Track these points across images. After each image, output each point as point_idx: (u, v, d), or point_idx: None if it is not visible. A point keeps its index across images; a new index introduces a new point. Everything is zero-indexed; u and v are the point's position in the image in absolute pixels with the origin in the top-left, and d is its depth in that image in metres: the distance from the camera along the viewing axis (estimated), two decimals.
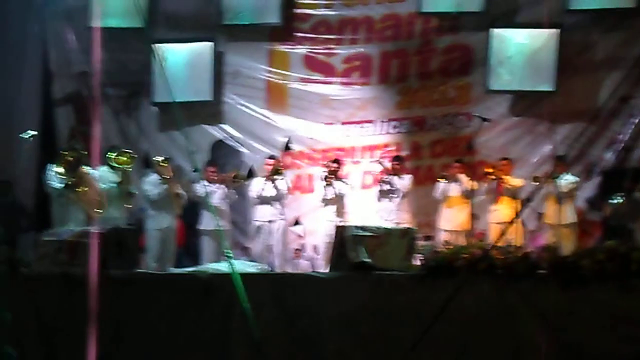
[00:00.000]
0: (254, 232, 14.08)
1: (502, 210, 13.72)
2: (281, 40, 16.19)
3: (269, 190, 13.82)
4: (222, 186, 13.85)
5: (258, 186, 13.90)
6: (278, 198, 13.89)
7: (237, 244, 15.00)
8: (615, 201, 13.24)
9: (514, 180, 13.84)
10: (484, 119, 12.61)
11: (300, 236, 15.20)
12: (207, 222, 13.59)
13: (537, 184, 13.34)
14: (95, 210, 11.75)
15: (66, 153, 11.89)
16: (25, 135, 11.79)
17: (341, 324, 8.41)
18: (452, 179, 14.04)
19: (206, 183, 13.62)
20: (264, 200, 13.88)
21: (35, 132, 12.27)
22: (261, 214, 13.92)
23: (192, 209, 14.05)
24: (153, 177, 13.33)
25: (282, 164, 14.64)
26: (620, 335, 8.03)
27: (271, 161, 14.17)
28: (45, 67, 16.26)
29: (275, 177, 13.80)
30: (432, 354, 8.11)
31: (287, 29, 16.08)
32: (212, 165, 14.43)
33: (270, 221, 13.84)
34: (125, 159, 12.62)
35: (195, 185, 13.71)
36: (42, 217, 13.18)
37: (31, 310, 8.62)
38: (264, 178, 13.92)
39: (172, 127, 15.44)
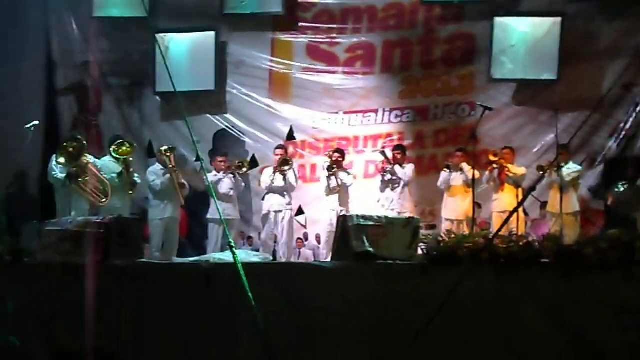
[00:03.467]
0: (262, 220, 14.05)
1: (504, 199, 13.72)
2: (284, 29, 16.21)
3: (279, 181, 13.80)
4: (230, 175, 13.83)
5: (267, 177, 13.88)
6: (287, 189, 13.88)
7: (240, 233, 15.04)
8: (618, 190, 13.23)
9: (516, 169, 13.83)
10: (487, 108, 12.58)
11: (303, 226, 15.21)
12: (215, 211, 13.57)
13: (540, 172, 13.33)
14: (98, 200, 11.76)
15: (69, 143, 11.88)
16: (28, 125, 11.79)
17: (344, 313, 8.41)
18: (455, 168, 14.03)
19: (215, 172, 13.63)
20: (272, 190, 13.86)
21: (38, 122, 12.26)
22: (269, 203, 13.90)
23: (196, 199, 14.06)
24: (156, 167, 13.34)
25: (290, 153, 14.65)
26: (623, 324, 8.02)
27: (279, 151, 14.13)
28: (48, 56, 16.30)
29: (284, 168, 13.77)
30: (435, 342, 8.11)
31: (290, 18, 16.11)
32: (222, 155, 14.38)
33: (277, 211, 13.82)
34: (126, 148, 12.62)
35: (207, 174, 13.72)
36: (45, 207, 13.20)
37: (34, 299, 8.62)
38: (273, 169, 13.88)
39: (175, 116, 15.50)
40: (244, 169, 14.10)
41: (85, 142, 11.85)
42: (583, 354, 8.06)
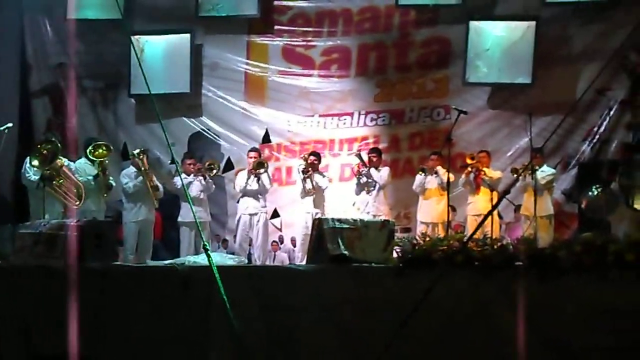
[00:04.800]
0: (236, 223, 14.05)
1: (479, 203, 13.78)
2: (259, 32, 16.21)
3: (253, 184, 13.78)
4: (200, 177, 13.83)
5: (242, 180, 13.87)
6: (261, 192, 13.87)
7: (215, 236, 15.02)
8: (592, 193, 13.30)
9: (492, 173, 13.89)
10: (462, 112, 12.63)
11: (278, 228, 15.20)
12: (186, 214, 13.58)
13: (515, 175, 13.38)
14: (72, 202, 11.71)
15: (43, 145, 11.84)
16: (1, 127, 11.73)
17: (319, 316, 8.41)
18: (430, 171, 14.06)
19: (184, 175, 13.61)
20: (247, 194, 13.85)
21: (12, 124, 12.20)
22: (244, 206, 13.89)
23: (170, 202, 14.04)
24: (130, 170, 13.32)
25: (264, 156, 14.65)
26: (597, 327, 8.05)
27: (253, 154, 14.13)
28: (23, 58, 16.21)
29: (259, 170, 13.77)
30: (410, 346, 8.12)
31: (265, 21, 16.10)
32: (190, 157, 14.43)
33: (252, 214, 13.82)
34: (102, 151, 12.59)
35: (174, 177, 13.71)
36: (19, 210, 13.13)
37: (9, 302, 8.57)
38: (248, 172, 13.86)
39: (150, 119, 15.46)
40: (214, 171, 14.09)
41: (59, 145, 11.81)
42: (557, 357, 8.10)
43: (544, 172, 13.63)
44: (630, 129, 14.95)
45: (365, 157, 14.44)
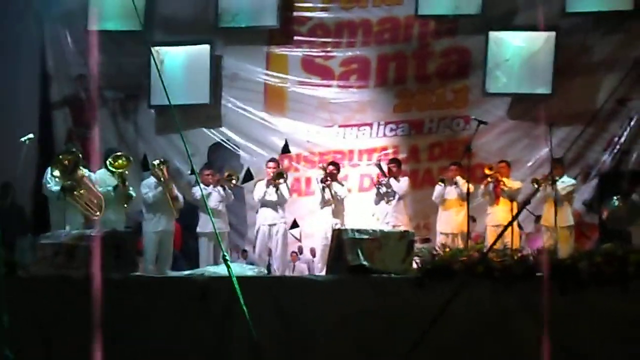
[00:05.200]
0: (255, 234, 14.05)
1: (499, 213, 13.73)
2: (279, 43, 16.21)
3: (272, 195, 13.79)
4: (219, 188, 13.86)
5: (261, 190, 13.87)
6: (280, 202, 13.87)
7: (235, 247, 15.03)
8: (613, 204, 13.23)
9: (512, 183, 13.84)
10: (482, 122, 12.60)
11: (298, 239, 15.20)
12: (204, 224, 13.58)
13: (535, 186, 13.34)
14: (92, 213, 11.75)
15: (64, 156, 11.88)
16: (23, 138, 11.78)
17: (339, 327, 8.41)
18: (449, 181, 14.04)
19: (203, 186, 13.61)
20: (266, 204, 13.84)
21: (33, 135, 12.25)
22: (262, 217, 13.88)
23: (190, 212, 14.05)
24: (150, 180, 13.35)
25: (283, 167, 14.65)
26: (618, 338, 8.03)
27: (272, 164, 14.12)
28: (43, 69, 16.29)
29: (278, 181, 13.77)
30: (429, 357, 8.11)
31: (285, 31, 16.11)
32: (208, 167, 14.45)
33: (271, 225, 13.82)
34: (122, 162, 12.62)
35: (193, 187, 13.74)
36: (40, 220, 13.17)
37: (29, 313, 8.60)
38: (267, 182, 13.86)
39: (170, 130, 15.48)
40: (234, 181, 14.10)
41: (80, 155, 11.85)
42: None
43: (564, 182, 13.58)
44: None
45: (384, 168, 14.43)
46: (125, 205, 12.74)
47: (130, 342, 8.47)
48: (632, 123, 14.96)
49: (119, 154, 12.85)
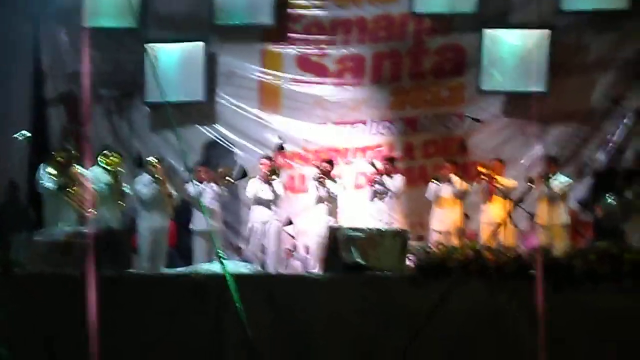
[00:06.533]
0: (248, 232, 14.07)
1: (493, 211, 13.73)
2: (274, 40, 16.18)
3: (266, 192, 13.80)
4: (213, 185, 13.87)
5: (254, 188, 13.88)
6: (274, 200, 13.88)
7: (229, 244, 15.03)
8: (607, 202, 13.26)
9: (506, 181, 13.85)
10: (476, 120, 12.64)
11: (292, 236, 15.20)
12: (199, 222, 13.59)
13: (530, 184, 13.36)
14: (87, 210, 11.74)
15: (58, 153, 11.88)
16: (18, 136, 11.78)
17: (333, 324, 8.42)
18: (444, 179, 14.05)
19: (197, 183, 13.61)
20: (259, 202, 13.86)
21: (28, 133, 12.25)
22: (256, 215, 13.89)
23: (184, 209, 14.05)
24: (145, 178, 13.34)
25: (277, 164, 14.64)
26: (612, 336, 8.05)
27: (266, 162, 14.13)
28: (38, 67, 16.24)
29: (272, 178, 13.78)
30: (424, 354, 8.13)
31: (279, 29, 16.07)
32: (202, 165, 14.46)
33: (264, 222, 13.83)
34: (114, 159, 12.63)
35: (187, 185, 13.73)
36: (34, 218, 13.16)
37: (24, 310, 8.60)
38: (260, 179, 13.87)
39: (165, 127, 15.45)
40: (228, 178, 14.11)
41: (74, 153, 11.85)
42: None
43: (559, 180, 13.59)
44: None
45: (379, 165, 14.43)
46: (121, 203, 12.75)
47: (125, 339, 8.48)
48: (626, 122, 14.99)
49: (109, 151, 12.86)
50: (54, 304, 8.58)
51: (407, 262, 9.08)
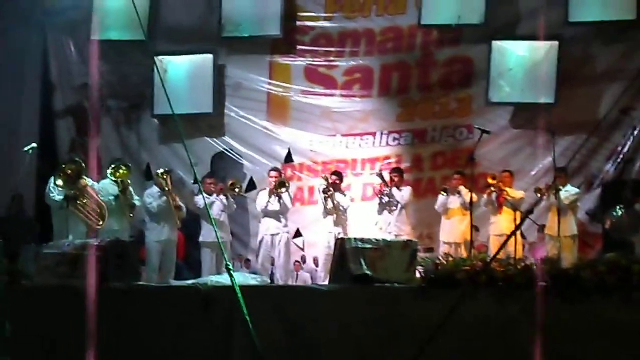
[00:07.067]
0: (258, 244, 14.08)
1: (502, 222, 13.72)
2: (282, 52, 16.22)
3: (274, 204, 13.81)
4: (222, 197, 13.88)
5: (263, 200, 13.89)
6: (283, 212, 13.90)
7: (238, 256, 15.03)
8: (616, 213, 13.23)
9: (515, 193, 13.85)
10: (485, 131, 12.61)
11: (300, 248, 15.20)
12: (207, 234, 13.60)
13: (539, 196, 13.34)
14: (96, 222, 11.76)
15: (67, 165, 11.90)
16: (26, 148, 11.80)
17: (342, 336, 8.40)
18: (452, 191, 14.05)
19: (205, 195, 13.62)
20: (268, 214, 13.88)
21: (36, 145, 12.27)
22: (265, 227, 13.93)
23: (193, 221, 14.06)
24: (153, 190, 13.37)
25: (285, 176, 14.65)
26: (621, 348, 8.02)
27: (274, 174, 14.15)
28: (47, 79, 16.30)
29: (281, 190, 13.79)
30: None
31: (288, 41, 16.11)
32: (211, 177, 14.46)
33: (273, 234, 13.84)
34: (123, 171, 12.66)
35: (195, 197, 13.74)
36: (43, 230, 13.17)
37: (32, 322, 8.60)
38: (269, 192, 13.89)
39: (174, 139, 15.49)
40: (237, 191, 14.13)
41: (83, 165, 11.86)
42: None
43: (568, 191, 13.57)
44: None
45: (387, 177, 14.43)
46: (131, 215, 12.77)
47: (133, 351, 8.47)
48: (635, 133, 14.97)
49: (119, 164, 12.89)
50: (61, 316, 8.58)
51: (416, 274, 9.06)
